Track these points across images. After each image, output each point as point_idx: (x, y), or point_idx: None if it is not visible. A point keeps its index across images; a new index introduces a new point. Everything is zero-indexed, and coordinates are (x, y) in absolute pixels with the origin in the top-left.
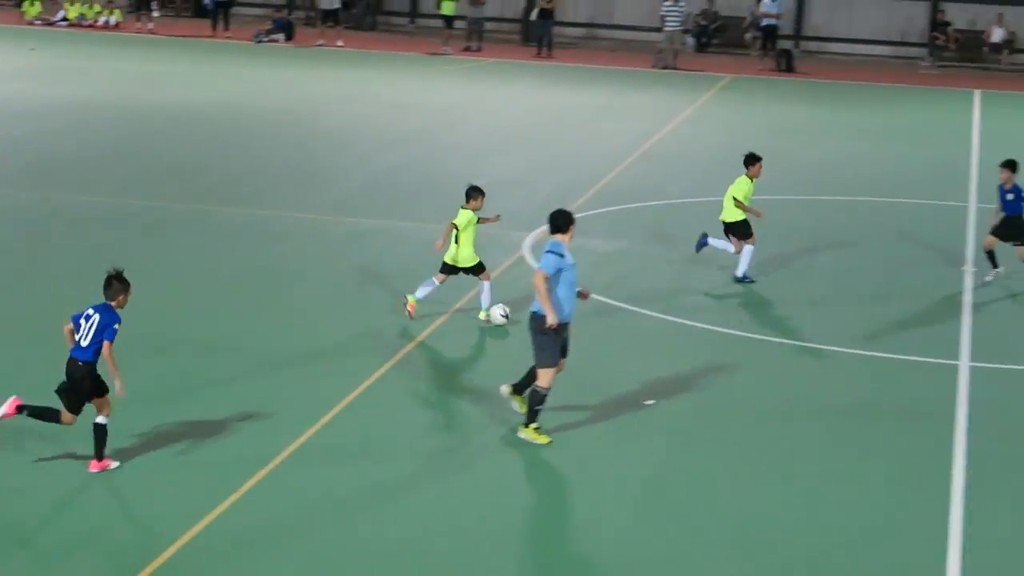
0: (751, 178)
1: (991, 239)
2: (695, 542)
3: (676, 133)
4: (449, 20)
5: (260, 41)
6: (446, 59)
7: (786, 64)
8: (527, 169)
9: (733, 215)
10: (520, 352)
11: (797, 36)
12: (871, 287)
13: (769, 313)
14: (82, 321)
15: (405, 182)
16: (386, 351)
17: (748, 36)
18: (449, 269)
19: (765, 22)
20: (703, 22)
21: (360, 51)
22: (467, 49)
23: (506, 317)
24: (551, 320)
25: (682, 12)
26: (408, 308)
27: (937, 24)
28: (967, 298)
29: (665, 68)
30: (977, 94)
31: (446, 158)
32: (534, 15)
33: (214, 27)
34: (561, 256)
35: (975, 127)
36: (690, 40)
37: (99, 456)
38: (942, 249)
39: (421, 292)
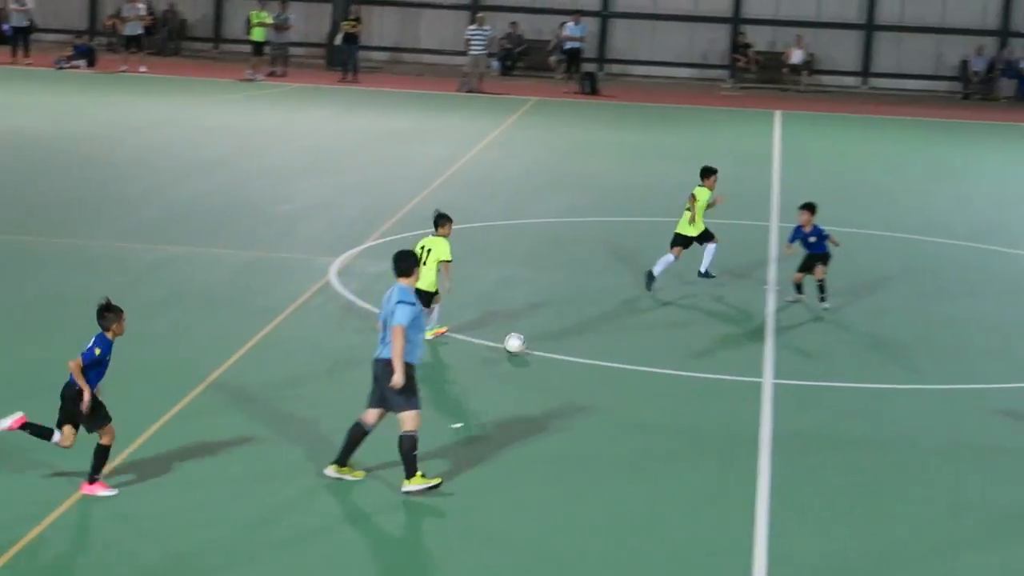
0: (709, 189)
1: (799, 275)
2: (507, 564)
3: (483, 156)
4: (259, 46)
5: (61, 67)
6: (254, 85)
7: (590, 87)
8: (333, 194)
9: (698, 227)
10: (334, 380)
11: (601, 59)
12: (677, 306)
13: (576, 335)
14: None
15: (211, 208)
16: (192, 378)
17: (552, 59)
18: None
19: (569, 45)
20: (508, 45)
21: (164, 77)
22: (272, 74)
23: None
24: (398, 380)
25: (486, 36)
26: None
27: (738, 46)
28: (770, 316)
29: (470, 91)
30: (778, 115)
31: (252, 184)
32: (338, 39)
33: (14, 53)
34: (413, 304)
35: (776, 147)
36: (495, 63)
37: (91, 480)
38: (746, 268)
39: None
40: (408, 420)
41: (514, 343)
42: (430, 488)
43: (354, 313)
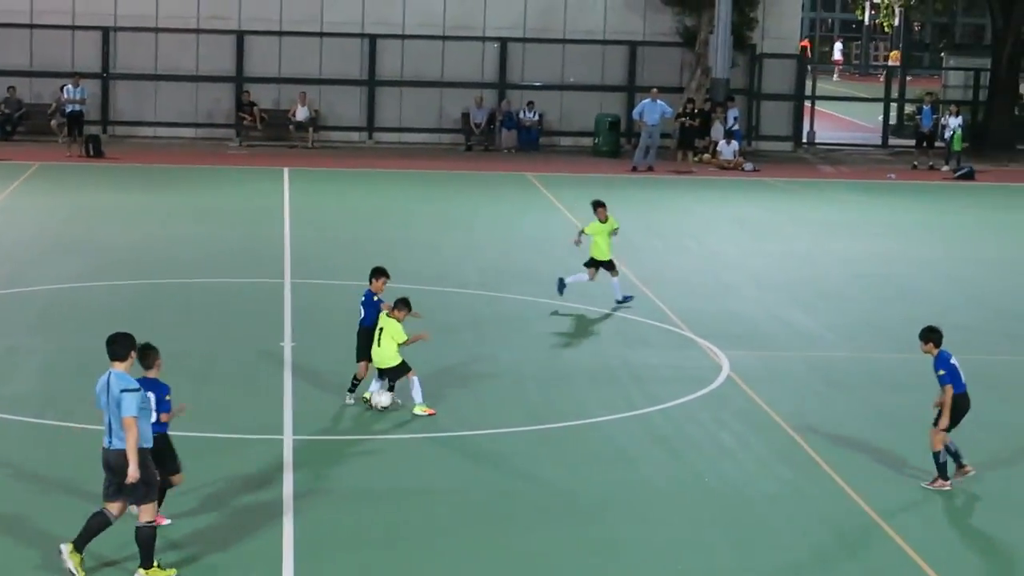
0: (601, 221)
1: (364, 366)
2: None
3: None
4: None
5: None
6: None
7: (95, 150)
8: None
9: (606, 253)
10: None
11: (104, 121)
12: (194, 367)
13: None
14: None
15: None
16: None
17: (54, 123)
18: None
19: (70, 108)
20: (6, 110)
21: None
22: None
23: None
24: (133, 473)
25: None
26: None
27: (243, 104)
28: (288, 373)
29: None
30: (286, 172)
31: None
32: None
33: None
34: (136, 389)
35: (286, 204)
36: None
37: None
38: (262, 326)
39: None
40: (146, 512)
41: (384, 399)
42: None
43: None
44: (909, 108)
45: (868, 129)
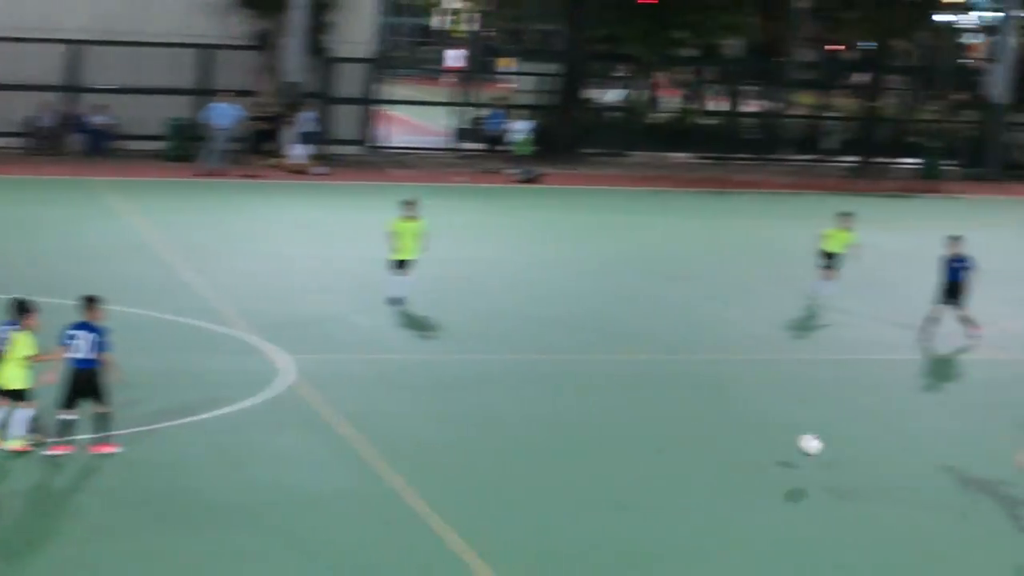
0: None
1: None
2: None
3: None
4: None
5: None
6: None
7: None
8: None
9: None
10: None
11: None
12: None
13: None
14: None
15: None
16: None
17: None
18: None
19: None
20: None
21: None
22: None
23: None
24: None
25: None
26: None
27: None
28: None
29: None
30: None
31: None
32: None
33: None
34: None
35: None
36: None
37: None
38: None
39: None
40: None
41: (814, 444)
42: None
43: None
44: (482, 112)
45: (440, 133)
